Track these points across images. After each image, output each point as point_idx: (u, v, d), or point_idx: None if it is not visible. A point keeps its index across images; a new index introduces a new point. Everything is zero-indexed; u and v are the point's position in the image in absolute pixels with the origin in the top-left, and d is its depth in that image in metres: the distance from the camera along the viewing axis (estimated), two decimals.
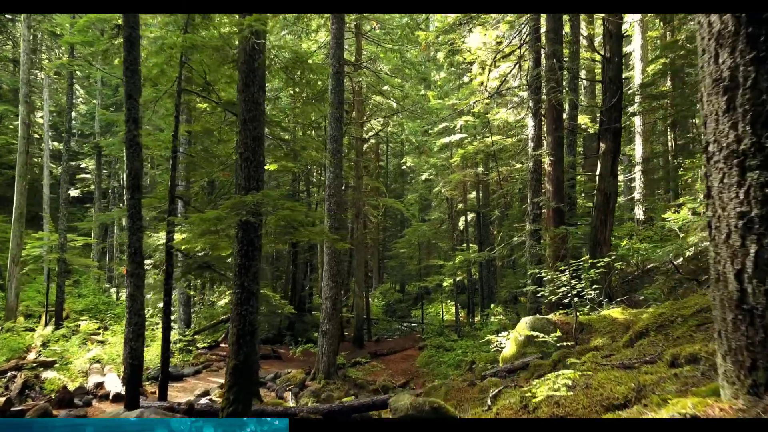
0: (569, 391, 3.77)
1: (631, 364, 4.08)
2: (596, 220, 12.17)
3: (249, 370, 6.61)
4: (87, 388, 11.17)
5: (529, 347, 8.30)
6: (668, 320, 5.37)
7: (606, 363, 4.44)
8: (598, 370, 4.09)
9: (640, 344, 5.10)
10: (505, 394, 4.48)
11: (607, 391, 3.26)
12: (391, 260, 33.85)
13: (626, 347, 5.53)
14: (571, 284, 8.08)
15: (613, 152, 12.19)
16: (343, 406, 7.96)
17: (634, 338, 5.55)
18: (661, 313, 5.51)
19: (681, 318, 5.22)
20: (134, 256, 7.98)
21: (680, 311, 5.36)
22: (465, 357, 16.09)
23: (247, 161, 6.83)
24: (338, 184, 14.08)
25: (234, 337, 6.62)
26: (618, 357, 4.73)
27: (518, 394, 4.24)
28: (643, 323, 5.59)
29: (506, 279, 18.57)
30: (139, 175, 8.16)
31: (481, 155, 21.82)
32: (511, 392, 4.47)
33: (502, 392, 4.56)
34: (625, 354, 4.78)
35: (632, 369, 3.88)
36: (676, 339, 4.76)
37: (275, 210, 6.53)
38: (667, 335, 5.09)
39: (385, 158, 38.73)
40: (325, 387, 13.59)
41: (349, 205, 23.92)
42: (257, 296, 6.84)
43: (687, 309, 5.32)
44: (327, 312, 14.05)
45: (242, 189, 6.74)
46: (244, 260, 6.72)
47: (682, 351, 3.48)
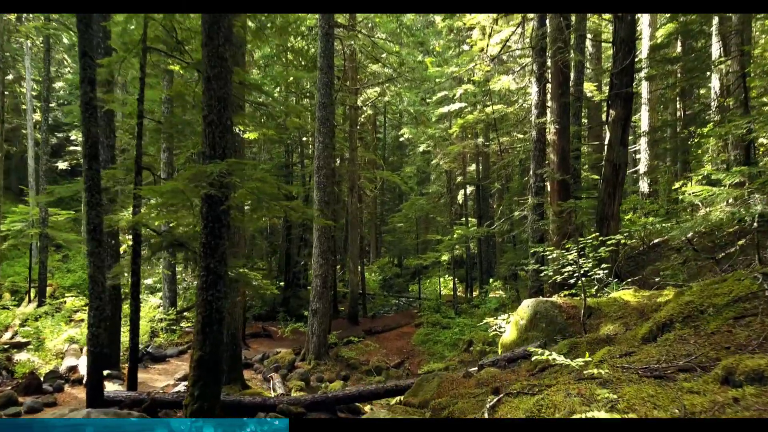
0: (586, 404, 3.01)
1: (662, 371, 3.30)
2: (603, 193, 11.32)
3: (216, 362, 5.87)
4: (60, 372, 10.51)
5: (532, 332, 7.56)
6: (697, 310, 4.58)
7: (628, 366, 3.66)
8: (622, 378, 3.31)
9: (665, 340, 4.32)
10: (506, 404, 3.71)
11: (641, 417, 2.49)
12: (387, 235, 33.09)
13: (647, 342, 4.75)
14: (579, 263, 7.29)
15: (623, 119, 11.26)
16: (326, 397, 7.26)
17: (656, 331, 4.77)
18: (689, 301, 4.72)
19: (713, 308, 4.43)
20: (93, 233, 7.18)
21: (711, 299, 4.56)
22: (462, 336, 15.48)
23: (211, 125, 5.95)
24: (328, 155, 13.18)
25: (199, 326, 5.85)
26: (641, 357, 3.94)
27: (525, 404, 3.47)
28: (666, 313, 4.80)
29: (506, 255, 17.83)
30: (97, 142, 7.29)
31: (482, 125, 20.84)
32: (514, 402, 3.70)
33: (502, 401, 3.79)
34: (649, 353, 4.00)
35: (666, 380, 3.10)
36: (711, 335, 3.98)
37: (243, 182, 5.69)
38: (696, 329, 4.31)
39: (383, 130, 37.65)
40: (315, 368, 12.98)
41: (344, 178, 23.05)
42: (225, 279, 6.05)
43: (720, 297, 4.53)
44: (317, 290, 13.34)
45: (207, 158, 5.89)
46: (210, 239, 5.91)
47: (740, 364, 2.70)
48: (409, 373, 13.57)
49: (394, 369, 13.61)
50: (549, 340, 7.17)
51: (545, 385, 4.41)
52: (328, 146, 13.22)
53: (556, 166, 11.82)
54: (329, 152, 13.30)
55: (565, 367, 4.38)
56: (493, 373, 6.38)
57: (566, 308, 7.58)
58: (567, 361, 3.87)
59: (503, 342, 8.02)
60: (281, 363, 12.68)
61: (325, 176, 13.12)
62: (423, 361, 14.88)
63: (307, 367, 12.84)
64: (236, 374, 10.45)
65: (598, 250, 7.51)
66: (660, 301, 6.77)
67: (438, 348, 15.39)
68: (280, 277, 26.75)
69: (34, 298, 18.93)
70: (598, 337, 5.99)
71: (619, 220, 11.24)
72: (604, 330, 6.62)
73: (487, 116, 19.13)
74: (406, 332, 18.41)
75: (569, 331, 7.19)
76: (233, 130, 6.12)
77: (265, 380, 11.64)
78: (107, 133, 11.07)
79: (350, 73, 20.40)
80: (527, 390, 4.47)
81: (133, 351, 7.94)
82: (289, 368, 12.57)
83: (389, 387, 7.25)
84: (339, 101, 18.15)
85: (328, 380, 12.08)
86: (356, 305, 20.66)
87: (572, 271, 7.83)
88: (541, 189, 12.56)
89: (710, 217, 6.16)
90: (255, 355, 14.00)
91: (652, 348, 4.25)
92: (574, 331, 7.13)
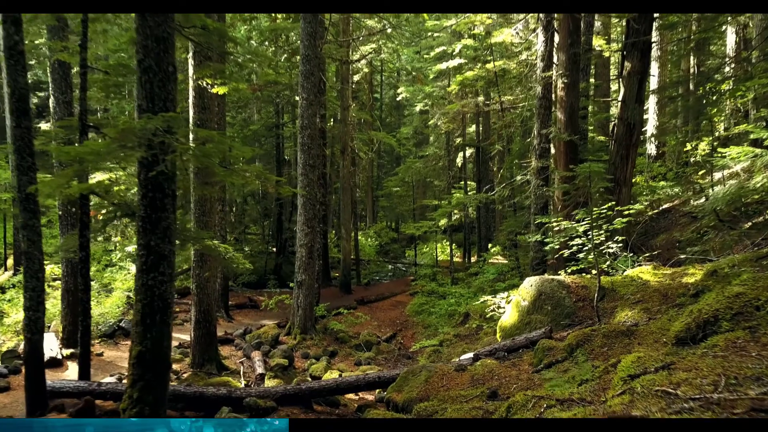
0: None
1: (727, 405, 2.32)
2: (616, 155, 10.24)
3: (160, 358, 4.93)
4: (19, 351, 9.65)
5: (535, 315, 6.62)
6: (751, 305, 3.60)
7: (672, 393, 2.69)
8: (670, 417, 2.33)
9: (712, 346, 3.34)
10: None
11: None
12: (383, 200, 32.01)
13: (683, 343, 3.78)
14: (592, 237, 6.28)
15: (640, 73, 10.09)
16: (300, 389, 6.37)
17: (695, 329, 3.78)
18: (739, 293, 3.73)
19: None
20: (26, 203, 6.15)
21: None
22: (458, 307, 14.65)
23: (148, 72, 4.83)
24: (312, 113, 11.99)
25: (138, 316, 4.89)
26: (688, 376, 2.95)
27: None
28: (709, 307, 3.81)
29: (506, 221, 16.82)
30: (25, 95, 6.18)
31: (482, 83, 19.47)
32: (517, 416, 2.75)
33: None
34: (696, 367, 3.01)
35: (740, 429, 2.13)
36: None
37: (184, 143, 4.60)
38: (754, 333, 3.33)
39: (380, 89, 36.08)
40: (301, 343, 12.16)
41: (337, 139, 21.81)
42: (171, 259, 5.04)
43: None
44: (302, 260, 12.40)
45: (143, 112, 4.79)
46: (150, 211, 4.87)
47: None
48: (401, 347, 12.79)
49: (385, 343, 12.80)
50: (555, 326, 6.23)
51: (556, 400, 3.48)
52: (312, 103, 12.02)
53: (564, 125, 10.68)
54: (314, 110, 12.10)
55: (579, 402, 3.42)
56: (490, 367, 5.46)
57: (575, 288, 6.62)
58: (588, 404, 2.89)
59: (502, 325, 7.09)
60: (264, 338, 11.84)
61: (310, 137, 11.97)
62: (417, 333, 14.10)
63: (292, 343, 12.02)
64: (211, 353, 9.61)
65: (613, 222, 6.50)
66: (687, 282, 5.80)
67: (433, 319, 14.58)
68: (272, 242, 25.86)
69: (10, 266, 18.08)
70: (615, 327, 5.03)
71: (632, 185, 10.20)
72: (621, 316, 5.67)
73: (487, 72, 17.79)
74: (401, 301, 17.60)
75: (578, 315, 6.24)
76: (176, 78, 4.99)
77: (246, 357, 10.82)
78: (62, 88, 9.87)
79: (341, 25, 18.93)
80: (531, 403, 3.54)
81: (84, 334, 7.02)
82: (272, 344, 11.74)
83: (371, 378, 6.35)
84: (327, 54, 16.76)
85: (314, 356, 11.28)
86: (349, 273, 19.80)
87: (581, 245, 6.85)
88: (546, 151, 11.46)
89: (751, 185, 5.11)
90: (238, 329, 13.17)
91: (696, 357, 3.26)
92: (584, 315, 6.19)
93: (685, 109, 19.24)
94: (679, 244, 9.31)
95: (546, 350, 5.23)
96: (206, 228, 9.32)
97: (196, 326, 9.42)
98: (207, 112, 9.25)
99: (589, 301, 6.30)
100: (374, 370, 9.86)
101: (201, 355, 9.42)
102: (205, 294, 9.49)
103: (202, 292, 9.43)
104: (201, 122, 9.20)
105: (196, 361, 9.41)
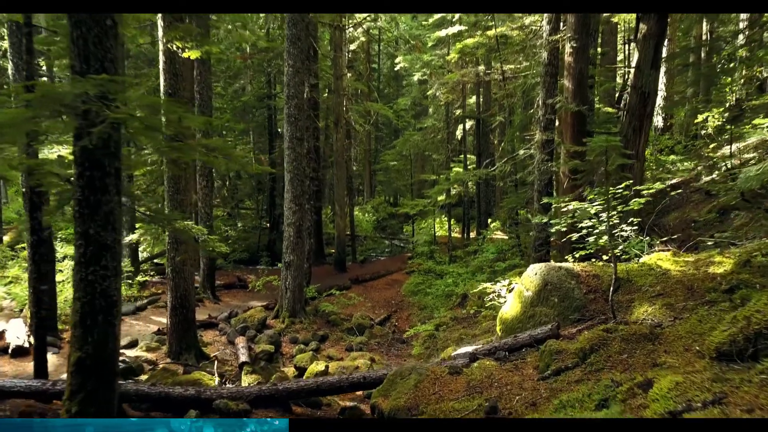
0: None
1: None
2: (628, 127, 9.42)
3: (104, 363, 4.23)
4: None
5: (540, 308, 5.91)
6: None
7: None
8: None
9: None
10: None
11: None
12: (380, 174, 31.13)
13: (728, 359, 3.06)
14: (608, 220, 5.51)
15: (657, 36, 9.19)
16: (276, 389, 5.71)
17: (743, 343, 3.06)
18: None
19: None
20: None
21: None
22: (456, 288, 13.99)
23: (80, 26, 4.01)
24: (299, 81, 11.10)
25: (77, 316, 4.17)
26: (741, 414, 2.25)
27: None
28: (762, 316, 3.08)
29: (507, 198, 16.04)
30: None
31: (483, 50, 18.43)
32: None
33: None
34: (754, 401, 2.30)
35: None
36: None
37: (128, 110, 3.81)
38: None
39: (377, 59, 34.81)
40: (289, 327, 11.53)
41: (331, 111, 20.85)
42: (117, 250, 4.30)
43: None
44: (290, 240, 11.67)
45: (76, 73, 3.99)
46: (88, 193, 4.11)
47: None
48: (396, 331, 12.18)
49: (379, 326, 12.18)
50: (562, 321, 5.53)
51: None
52: (300, 71, 11.11)
53: (571, 94, 9.81)
54: (301, 78, 11.21)
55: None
56: (489, 371, 4.77)
57: (585, 278, 5.89)
58: None
59: (503, 317, 6.39)
60: (250, 322, 11.20)
61: (297, 107, 11.10)
62: (412, 315, 13.48)
63: (281, 326, 11.39)
64: (189, 341, 8.96)
65: (629, 203, 5.74)
66: (715, 272, 5.06)
67: (429, 300, 13.94)
68: (266, 218, 25.12)
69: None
70: (635, 329, 4.31)
71: (645, 160, 9.40)
72: (639, 312, 4.96)
73: (488, 39, 16.76)
74: (397, 280, 16.95)
75: (589, 309, 5.53)
76: (118, 34, 4.16)
77: (230, 343, 10.20)
78: (20, 51, 8.97)
79: None
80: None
81: (39, 327, 6.33)
82: (259, 328, 11.11)
83: (355, 379, 5.68)
84: (316, 18, 15.72)
85: (302, 341, 10.66)
86: (343, 251, 19.11)
87: (591, 227, 6.11)
88: (551, 123, 10.59)
89: None
90: (224, 311, 12.53)
91: (753, 387, 2.55)
92: (596, 309, 5.48)
93: (697, 78, 18.30)
94: (695, 224, 8.55)
95: (554, 353, 4.53)
96: (181, 207, 8.57)
97: (172, 313, 8.74)
98: (179, 79, 8.38)
99: (601, 293, 5.59)
100: (365, 357, 9.23)
101: (178, 343, 8.78)
102: (182, 278, 8.78)
103: (178, 276, 8.72)
104: (173, 91, 8.35)
105: (173, 349, 8.77)
